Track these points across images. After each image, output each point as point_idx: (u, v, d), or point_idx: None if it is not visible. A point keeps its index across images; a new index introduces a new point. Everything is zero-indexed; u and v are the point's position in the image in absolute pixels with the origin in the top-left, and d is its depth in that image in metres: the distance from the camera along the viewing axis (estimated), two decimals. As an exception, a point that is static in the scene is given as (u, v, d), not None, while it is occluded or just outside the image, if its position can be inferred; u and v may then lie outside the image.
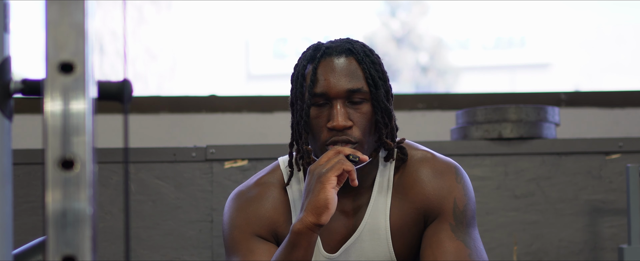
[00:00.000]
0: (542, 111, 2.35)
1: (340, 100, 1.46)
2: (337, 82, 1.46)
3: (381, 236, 1.55)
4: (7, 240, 0.81)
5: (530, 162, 2.32)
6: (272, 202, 1.58)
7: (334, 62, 1.48)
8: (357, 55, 1.49)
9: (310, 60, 1.50)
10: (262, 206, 1.58)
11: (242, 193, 1.61)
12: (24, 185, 2.23)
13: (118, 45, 4.27)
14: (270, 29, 5.50)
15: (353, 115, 1.47)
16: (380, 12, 5.97)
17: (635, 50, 4.79)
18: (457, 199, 1.54)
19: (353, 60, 1.49)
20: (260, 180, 1.62)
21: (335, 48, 1.50)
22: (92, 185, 0.75)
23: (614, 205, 2.32)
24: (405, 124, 3.10)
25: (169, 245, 2.25)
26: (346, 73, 1.47)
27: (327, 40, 1.57)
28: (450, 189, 1.55)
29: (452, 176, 1.56)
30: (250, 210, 1.58)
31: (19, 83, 0.83)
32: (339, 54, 1.49)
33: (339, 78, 1.47)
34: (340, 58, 1.49)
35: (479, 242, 1.54)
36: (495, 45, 6.41)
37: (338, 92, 1.46)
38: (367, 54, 1.51)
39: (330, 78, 1.47)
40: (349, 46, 1.50)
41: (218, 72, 5.23)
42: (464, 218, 1.54)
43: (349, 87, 1.46)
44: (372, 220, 1.55)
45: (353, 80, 1.47)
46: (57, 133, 0.75)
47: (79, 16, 0.76)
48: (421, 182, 1.55)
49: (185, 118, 3.05)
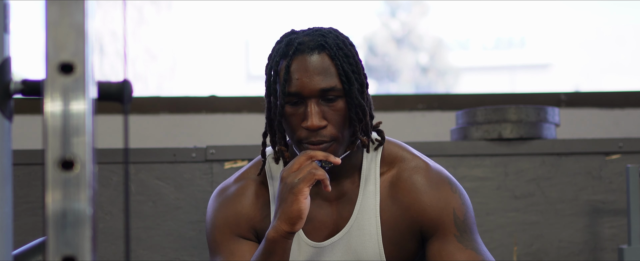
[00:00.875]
0: (542, 111, 2.35)
1: (314, 99, 1.45)
2: (309, 81, 1.44)
3: (371, 233, 1.54)
4: (7, 240, 0.81)
5: (530, 162, 2.32)
6: (250, 198, 1.59)
7: (306, 60, 1.45)
8: (330, 50, 1.46)
9: (283, 57, 1.48)
10: (240, 204, 1.59)
11: (221, 191, 1.63)
12: (24, 185, 2.23)
13: (118, 46, 4.27)
14: (270, 29, 5.50)
15: (327, 113, 1.46)
16: (380, 12, 5.97)
17: (635, 51, 4.79)
18: (456, 210, 1.53)
19: (326, 56, 1.46)
20: (240, 176, 1.63)
21: (307, 44, 1.47)
22: (92, 186, 0.75)
23: (614, 205, 2.32)
24: (405, 124, 3.10)
25: (169, 245, 2.25)
26: (319, 72, 1.45)
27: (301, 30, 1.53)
28: (448, 200, 1.54)
29: (447, 187, 1.56)
30: (229, 209, 1.59)
31: (19, 84, 0.83)
32: (311, 50, 1.46)
33: (311, 78, 1.45)
34: (312, 55, 1.46)
35: (484, 246, 1.55)
36: (495, 45, 6.41)
37: (311, 92, 1.44)
38: (340, 47, 1.48)
39: (303, 77, 1.45)
40: (321, 40, 1.47)
41: (218, 73, 5.23)
42: (466, 227, 1.53)
43: (322, 87, 1.45)
44: (362, 216, 1.54)
45: (326, 78, 1.45)
46: (57, 134, 0.75)
47: (79, 16, 0.76)
48: (417, 191, 1.54)
49: (185, 119, 3.05)
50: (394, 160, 1.58)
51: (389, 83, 5.75)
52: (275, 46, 1.53)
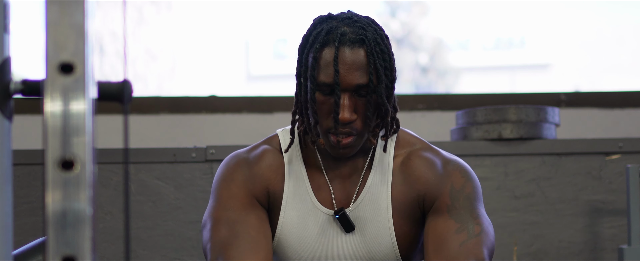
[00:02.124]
0: (542, 111, 2.35)
1: (348, 92, 1.47)
2: (346, 75, 1.46)
3: (382, 207, 1.57)
4: (7, 240, 0.81)
5: (530, 162, 2.31)
6: (267, 161, 1.61)
7: (346, 54, 1.47)
8: (368, 46, 1.48)
9: (323, 45, 1.49)
10: (257, 165, 1.60)
11: (238, 155, 1.64)
12: (24, 185, 2.23)
13: (118, 46, 4.27)
14: (270, 29, 5.49)
15: (358, 106, 1.48)
16: (380, 12, 5.97)
17: (635, 51, 4.78)
18: (454, 182, 1.56)
19: (363, 52, 1.48)
20: (256, 145, 1.65)
21: (348, 36, 1.48)
22: (92, 186, 0.75)
23: (614, 205, 2.32)
24: (405, 124, 3.10)
25: (169, 245, 2.25)
26: (357, 67, 1.47)
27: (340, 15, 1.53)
28: (449, 176, 1.57)
29: (453, 167, 1.59)
30: (248, 167, 1.60)
31: (19, 84, 0.82)
32: (352, 43, 1.47)
33: (349, 72, 1.46)
34: (353, 48, 1.47)
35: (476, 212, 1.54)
36: (495, 45, 6.40)
37: (347, 86, 1.46)
38: (378, 42, 1.50)
39: (341, 70, 1.46)
40: (362, 35, 1.48)
41: (218, 73, 5.23)
42: (460, 196, 1.55)
43: (357, 83, 1.46)
44: (374, 190, 1.58)
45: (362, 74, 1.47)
46: (57, 134, 0.75)
47: (79, 16, 0.76)
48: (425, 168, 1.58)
49: (185, 119, 3.05)
50: (407, 145, 1.62)
51: (389, 84, 5.72)
52: (312, 29, 1.53)
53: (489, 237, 1.52)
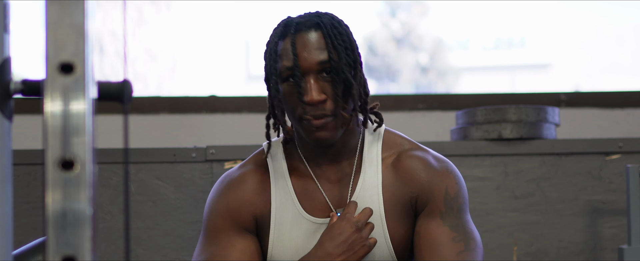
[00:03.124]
0: (542, 111, 2.35)
1: (312, 74, 1.48)
2: (307, 56, 1.48)
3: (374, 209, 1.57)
4: (7, 240, 0.81)
5: (530, 162, 2.32)
6: (252, 185, 1.61)
7: (304, 37, 1.50)
8: (324, 29, 1.51)
9: (281, 37, 1.53)
10: (241, 191, 1.61)
11: (224, 179, 1.65)
12: (24, 185, 2.23)
13: (118, 46, 4.27)
14: (270, 29, 5.50)
15: (326, 88, 1.49)
16: (380, 12, 5.97)
17: (635, 51, 4.78)
18: (449, 187, 1.57)
19: (320, 34, 1.51)
20: (244, 163, 1.66)
21: (304, 23, 1.52)
22: (92, 186, 0.75)
23: (614, 205, 2.32)
24: (405, 124, 3.10)
25: (169, 245, 2.25)
26: (316, 47, 1.49)
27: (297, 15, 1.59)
28: (443, 178, 1.58)
29: (445, 169, 1.60)
30: (231, 196, 1.60)
31: (19, 84, 0.82)
32: (308, 28, 1.51)
33: (309, 52, 1.49)
34: (309, 32, 1.50)
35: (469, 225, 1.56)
36: (495, 45, 6.41)
37: (309, 65, 1.48)
38: (335, 25, 1.53)
39: (301, 52, 1.49)
40: (317, 20, 1.52)
41: (218, 73, 5.23)
42: (454, 204, 1.56)
43: (319, 59, 1.48)
44: (364, 194, 1.57)
45: (323, 52, 1.49)
46: (57, 134, 0.75)
47: (79, 16, 0.76)
48: (416, 169, 1.58)
49: (185, 119, 3.05)
50: (395, 146, 1.63)
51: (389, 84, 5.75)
52: (272, 32, 1.57)
53: (481, 252, 1.55)
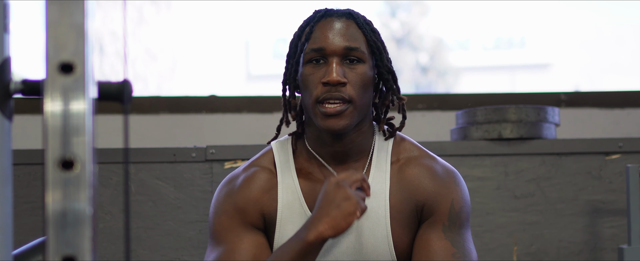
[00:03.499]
0: (542, 111, 2.35)
1: (336, 57, 1.48)
2: (334, 39, 1.49)
3: (380, 216, 1.55)
4: (7, 240, 0.81)
5: (530, 162, 2.31)
6: (258, 184, 1.59)
7: (334, 22, 1.51)
8: (358, 20, 1.52)
9: (310, 20, 1.54)
10: (248, 190, 1.58)
11: (230, 180, 1.63)
12: (24, 185, 2.23)
13: (118, 46, 4.27)
14: (270, 29, 5.49)
15: (348, 74, 1.48)
16: (380, 12, 5.97)
17: (635, 51, 4.78)
18: (454, 200, 1.56)
19: (353, 23, 1.52)
20: (249, 165, 1.64)
21: (337, 11, 1.54)
22: (92, 186, 0.75)
23: (614, 205, 2.32)
24: (405, 124, 3.09)
25: (169, 245, 2.25)
26: (345, 33, 1.50)
27: None
28: (449, 190, 1.57)
29: (452, 179, 1.59)
30: (238, 195, 1.58)
31: (19, 84, 0.83)
32: (339, 16, 1.52)
33: (336, 36, 1.49)
34: (340, 19, 1.51)
35: (469, 243, 1.56)
36: (495, 45, 6.40)
37: (335, 49, 1.48)
38: (368, 22, 1.55)
39: (328, 35, 1.49)
40: (350, 11, 1.54)
41: (218, 72, 5.23)
42: (457, 220, 1.55)
43: (346, 45, 1.48)
44: (371, 199, 1.56)
45: (351, 39, 1.49)
46: (57, 134, 0.75)
47: (79, 16, 0.76)
48: (423, 177, 1.57)
49: (185, 119, 3.05)
50: (404, 152, 1.61)
51: (389, 83, 5.71)
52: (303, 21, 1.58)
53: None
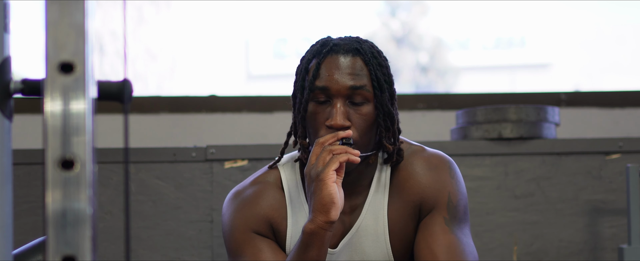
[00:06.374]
0: (542, 111, 2.35)
1: (341, 98, 1.45)
2: (339, 78, 1.45)
3: (379, 233, 1.55)
4: (7, 240, 0.81)
5: (530, 162, 2.31)
6: (268, 200, 1.57)
7: (339, 59, 1.47)
8: (364, 56, 1.48)
9: (316, 55, 1.49)
10: (258, 205, 1.57)
11: (238, 193, 1.61)
12: (24, 185, 2.23)
13: (118, 46, 4.27)
14: (270, 29, 5.49)
15: (352, 116, 1.46)
16: (380, 12, 5.96)
17: (635, 50, 4.78)
18: (451, 194, 1.55)
19: (359, 60, 1.48)
20: (256, 179, 1.62)
21: (342, 46, 1.48)
22: (92, 185, 0.75)
23: (614, 205, 2.32)
24: (405, 124, 3.09)
25: (169, 245, 2.25)
26: (350, 72, 1.46)
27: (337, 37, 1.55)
28: (445, 183, 1.55)
29: (446, 171, 1.57)
30: (248, 209, 1.57)
31: (19, 83, 0.83)
32: (346, 52, 1.47)
33: (342, 75, 1.45)
34: (346, 56, 1.47)
35: (469, 238, 1.56)
36: (495, 45, 6.40)
37: (340, 89, 1.45)
38: (375, 56, 1.50)
39: (333, 74, 1.46)
40: (357, 45, 1.49)
41: (218, 72, 5.23)
42: (456, 213, 1.55)
43: (351, 84, 1.45)
44: (370, 217, 1.55)
45: (356, 78, 1.46)
46: (57, 133, 0.75)
47: (79, 16, 0.76)
48: (416, 175, 1.56)
49: (185, 118, 3.05)
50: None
51: (389, 83, 5.71)
52: (309, 49, 1.54)
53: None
